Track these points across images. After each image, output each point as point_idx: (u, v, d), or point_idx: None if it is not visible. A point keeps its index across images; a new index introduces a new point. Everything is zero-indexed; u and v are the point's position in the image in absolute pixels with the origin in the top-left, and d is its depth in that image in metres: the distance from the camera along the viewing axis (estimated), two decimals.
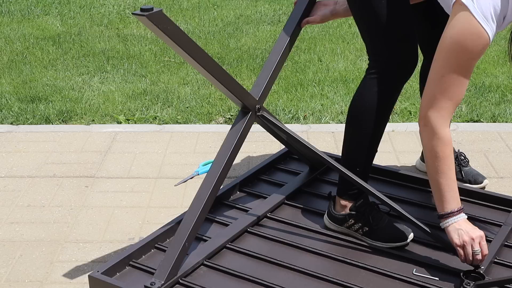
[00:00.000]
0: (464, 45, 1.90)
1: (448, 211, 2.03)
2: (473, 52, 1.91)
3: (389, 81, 2.18)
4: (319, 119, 3.69)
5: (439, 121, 1.97)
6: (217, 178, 2.10)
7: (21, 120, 3.70)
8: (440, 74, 1.95)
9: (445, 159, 2.00)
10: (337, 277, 2.05)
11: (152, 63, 4.61)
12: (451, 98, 1.96)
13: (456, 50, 1.91)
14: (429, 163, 2.03)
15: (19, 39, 5.14)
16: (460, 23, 1.90)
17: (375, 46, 2.18)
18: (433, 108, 1.97)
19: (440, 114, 1.97)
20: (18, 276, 2.34)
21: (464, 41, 1.90)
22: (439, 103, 1.96)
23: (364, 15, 2.18)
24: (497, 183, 2.92)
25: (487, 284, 1.99)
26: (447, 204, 2.03)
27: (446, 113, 1.97)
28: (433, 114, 1.97)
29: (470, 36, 1.89)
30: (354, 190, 2.26)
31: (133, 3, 6.18)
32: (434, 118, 1.97)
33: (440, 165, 2.00)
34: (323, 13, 2.37)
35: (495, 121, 3.63)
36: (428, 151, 2.02)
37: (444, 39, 1.94)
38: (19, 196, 2.87)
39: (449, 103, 1.96)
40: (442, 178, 2.01)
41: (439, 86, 1.96)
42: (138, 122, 3.70)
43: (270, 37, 5.15)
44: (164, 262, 2.00)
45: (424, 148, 2.05)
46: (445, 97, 1.96)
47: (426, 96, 2.00)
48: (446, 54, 1.93)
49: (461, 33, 1.90)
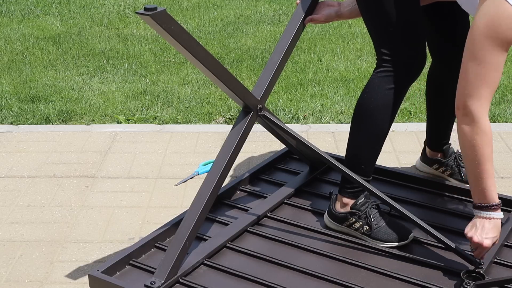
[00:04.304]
0: (499, 30, 1.90)
1: (495, 202, 2.01)
2: (508, 37, 1.92)
3: (397, 80, 2.18)
4: (319, 119, 3.69)
5: (480, 110, 1.95)
6: (218, 177, 2.10)
7: (21, 120, 3.70)
8: (476, 62, 1.94)
9: (488, 147, 1.97)
10: (337, 277, 2.05)
11: (152, 63, 4.61)
12: (490, 85, 1.95)
13: (491, 36, 1.91)
14: (470, 154, 1.99)
15: (19, 39, 5.14)
16: (493, 9, 1.91)
17: (384, 45, 2.19)
18: (473, 96, 1.95)
19: (480, 103, 1.95)
20: (18, 276, 2.34)
21: (499, 25, 1.90)
22: (478, 91, 1.94)
23: (374, 15, 2.18)
24: (497, 183, 2.92)
25: (487, 284, 1.99)
26: (493, 193, 2.01)
27: (485, 101, 1.96)
28: (473, 103, 1.95)
29: (505, 21, 1.90)
30: (356, 188, 2.27)
31: (133, 3, 6.18)
32: (475, 108, 1.95)
33: (482, 154, 1.97)
34: (327, 13, 2.38)
35: (495, 121, 3.63)
36: (468, 142, 1.98)
37: (477, 27, 1.94)
38: (19, 196, 2.87)
39: (488, 91, 1.95)
40: (487, 165, 1.98)
41: (478, 74, 1.94)
42: (138, 122, 3.70)
43: (270, 37, 5.15)
44: (164, 261, 2.00)
45: (463, 138, 1.99)
46: (484, 85, 1.94)
47: (463, 86, 1.97)
48: (481, 41, 1.93)
49: (496, 18, 1.90)
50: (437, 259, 2.15)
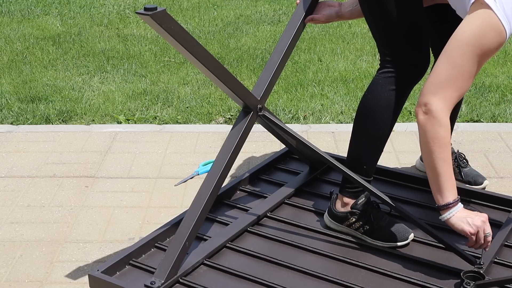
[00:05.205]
0: (482, 41, 1.93)
1: (450, 200, 2.02)
2: (490, 49, 1.94)
3: (401, 81, 2.18)
4: (319, 119, 3.69)
5: (443, 110, 1.98)
6: (218, 177, 2.10)
7: (21, 120, 3.70)
8: (452, 65, 1.96)
9: (446, 146, 2.00)
10: (337, 277, 2.05)
11: (152, 63, 4.61)
12: (458, 90, 1.97)
13: (474, 45, 1.93)
14: (430, 151, 2.01)
15: (19, 39, 5.14)
16: (481, 19, 1.93)
17: (387, 47, 2.19)
18: (439, 96, 1.97)
19: (445, 104, 1.98)
20: (18, 276, 2.34)
21: (484, 36, 1.92)
22: (445, 92, 1.97)
23: (377, 16, 2.18)
24: (497, 183, 2.92)
25: (487, 284, 1.99)
26: (449, 193, 2.02)
27: (450, 104, 1.98)
28: (438, 102, 1.97)
29: (490, 33, 1.92)
30: (357, 188, 2.27)
31: (133, 3, 6.18)
32: (438, 106, 1.97)
33: (442, 152, 1.99)
34: (328, 13, 2.38)
35: (495, 121, 3.63)
36: (429, 138, 2.00)
37: (462, 32, 1.95)
38: (19, 196, 2.87)
39: (455, 95, 1.98)
40: (444, 166, 2.00)
41: (449, 76, 1.96)
42: (138, 122, 3.70)
43: (270, 37, 5.15)
44: (164, 261, 2.00)
45: (424, 135, 2.01)
46: (453, 88, 1.97)
47: (431, 84, 1.99)
48: (463, 47, 1.94)
49: (482, 28, 1.92)
50: (437, 259, 2.15)
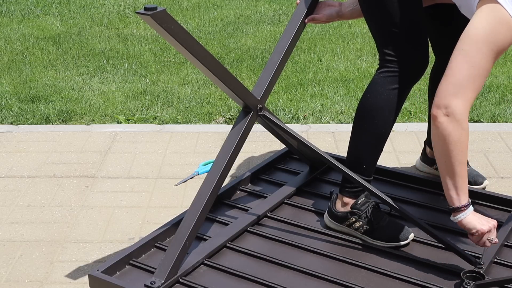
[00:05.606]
0: (497, 37, 1.91)
1: (465, 203, 2.02)
2: (504, 44, 1.92)
3: (400, 81, 2.18)
4: (319, 119, 3.69)
5: (464, 112, 1.95)
6: (218, 177, 2.10)
7: (21, 120, 3.70)
8: (470, 64, 1.93)
9: (466, 149, 1.98)
10: (337, 277, 2.05)
11: (152, 63, 4.61)
12: (476, 90, 1.95)
13: (490, 41, 1.91)
14: (449, 154, 1.98)
15: (19, 39, 5.14)
16: (491, 15, 1.91)
17: (387, 46, 2.18)
18: (460, 98, 1.94)
19: (465, 106, 1.95)
20: (18, 276, 2.34)
21: (498, 32, 1.91)
22: (466, 93, 1.94)
23: (377, 15, 2.18)
24: (497, 183, 2.92)
25: (487, 284, 1.99)
26: (465, 196, 2.03)
27: (469, 105, 1.96)
28: (460, 104, 1.94)
29: (502, 28, 1.91)
30: (357, 188, 2.27)
31: (133, 3, 6.18)
32: (460, 108, 1.94)
33: (462, 155, 1.98)
34: (328, 13, 2.38)
35: (495, 121, 3.63)
36: (451, 142, 1.96)
37: (475, 29, 1.93)
38: (19, 196, 2.87)
39: (473, 95, 1.95)
40: (462, 168, 1.99)
41: (469, 76, 1.93)
42: (138, 122, 3.70)
43: (270, 37, 5.15)
44: (164, 261, 2.00)
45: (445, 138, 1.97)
46: (472, 88, 1.94)
47: (451, 85, 1.95)
48: (478, 44, 1.92)
49: (494, 25, 1.91)
50: (437, 259, 2.15)
